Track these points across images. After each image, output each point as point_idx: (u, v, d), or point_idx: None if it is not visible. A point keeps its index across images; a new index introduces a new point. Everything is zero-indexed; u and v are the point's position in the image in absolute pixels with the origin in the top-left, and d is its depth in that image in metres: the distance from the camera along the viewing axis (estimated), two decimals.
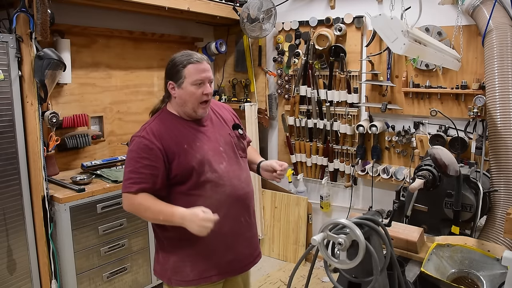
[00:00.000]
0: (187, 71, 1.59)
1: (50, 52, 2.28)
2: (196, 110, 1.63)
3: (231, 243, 1.68)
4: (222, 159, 1.67)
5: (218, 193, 1.62)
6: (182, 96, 1.62)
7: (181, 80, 1.60)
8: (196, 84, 1.59)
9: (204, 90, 1.60)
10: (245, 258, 1.75)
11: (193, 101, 1.61)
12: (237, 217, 1.69)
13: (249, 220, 1.75)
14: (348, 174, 3.40)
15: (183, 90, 1.61)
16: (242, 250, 1.73)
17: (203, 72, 1.60)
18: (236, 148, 1.75)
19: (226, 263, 1.68)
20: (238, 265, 1.73)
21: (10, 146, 2.19)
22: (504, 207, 2.25)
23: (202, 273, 1.65)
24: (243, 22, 3.21)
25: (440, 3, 2.75)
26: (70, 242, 2.35)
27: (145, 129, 1.63)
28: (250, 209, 1.76)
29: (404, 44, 1.58)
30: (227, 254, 1.68)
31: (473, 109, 2.66)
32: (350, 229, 1.21)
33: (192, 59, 1.60)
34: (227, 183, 1.64)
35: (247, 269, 1.80)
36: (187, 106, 1.63)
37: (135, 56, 3.24)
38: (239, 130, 1.81)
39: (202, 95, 1.61)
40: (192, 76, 1.59)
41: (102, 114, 3.06)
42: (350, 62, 3.23)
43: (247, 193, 1.73)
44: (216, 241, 1.64)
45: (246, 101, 3.69)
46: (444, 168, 1.87)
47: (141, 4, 2.67)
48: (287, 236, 3.60)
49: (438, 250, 1.77)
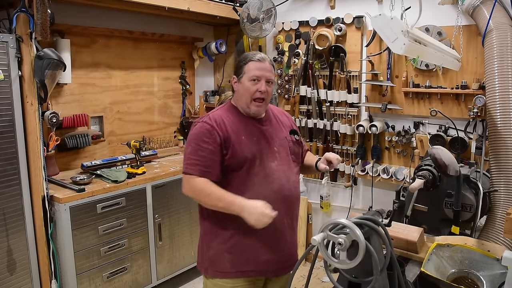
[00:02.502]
0: (247, 67, 1.68)
1: (50, 52, 2.28)
2: (249, 106, 1.68)
3: (271, 242, 1.69)
4: (275, 158, 1.71)
5: (265, 188, 1.65)
6: (240, 90, 1.70)
7: (241, 75, 1.69)
8: (252, 80, 1.66)
9: (259, 87, 1.66)
10: (282, 261, 1.74)
11: (247, 96, 1.67)
12: (280, 217, 1.67)
13: (291, 223, 1.75)
14: (348, 174, 3.40)
15: (241, 84, 1.69)
16: (280, 252, 1.72)
17: (262, 70, 1.67)
18: (290, 151, 1.79)
19: (264, 261, 1.68)
20: (275, 266, 1.72)
21: (10, 146, 2.19)
22: (504, 207, 2.25)
23: (240, 266, 1.67)
24: (243, 22, 3.21)
25: (440, 3, 2.75)
26: (70, 242, 2.35)
27: (208, 115, 1.69)
28: (293, 212, 1.77)
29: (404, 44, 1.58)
30: (266, 252, 1.68)
31: (473, 109, 2.66)
32: (350, 229, 1.21)
33: (254, 58, 1.68)
34: (276, 181, 1.68)
35: (283, 273, 1.78)
36: (242, 101, 1.70)
37: (135, 56, 3.24)
38: (296, 136, 1.85)
39: (256, 92, 1.66)
40: (250, 72, 1.66)
41: (102, 114, 3.06)
42: (350, 62, 3.23)
43: (293, 195, 1.75)
44: (257, 237, 1.65)
45: None
46: (444, 168, 1.86)
47: (141, 4, 2.67)
48: None
49: (438, 250, 1.77)
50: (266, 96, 1.69)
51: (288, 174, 1.73)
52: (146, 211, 2.75)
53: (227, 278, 1.68)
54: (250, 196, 1.59)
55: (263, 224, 1.51)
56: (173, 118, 3.63)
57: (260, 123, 1.74)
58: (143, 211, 2.73)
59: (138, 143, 2.84)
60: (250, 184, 1.64)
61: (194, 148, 1.63)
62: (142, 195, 2.71)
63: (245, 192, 1.62)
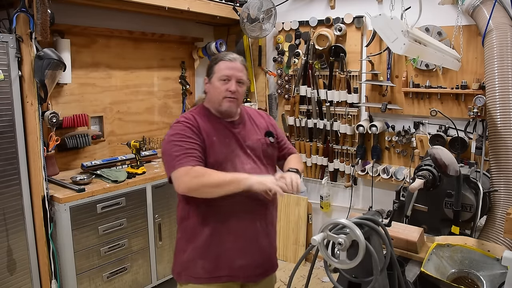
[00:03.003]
0: (217, 67, 1.66)
1: (50, 52, 2.27)
2: (221, 104, 1.66)
3: (244, 247, 1.65)
4: (247, 161, 1.68)
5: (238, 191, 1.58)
6: (210, 91, 1.68)
7: (212, 75, 1.67)
8: (222, 79, 1.64)
9: (229, 87, 1.63)
10: (257, 266, 1.70)
11: (217, 95, 1.65)
12: (253, 221, 1.66)
13: (265, 228, 1.72)
14: (348, 174, 3.40)
15: (211, 85, 1.67)
16: (255, 257, 1.69)
17: (232, 70, 1.65)
18: (264, 154, 1.76)
19: (238, 267, 1.65)
20: (249, 272, 1.68)
21: (10, 146, 2.18)
22: (504, 207, 2.25)
23: (213, 271, 1.64)
24: (243, 22, 3.21)
25: (440, 3, 2.74)
26: (70, 242, 2.35)
27: (183, 116, 1.68)
28: (268, 217, 1.73)
29: (404, 44, 1.58)
30: (239, 257, 1.65)
31: (473, 109, 2.66)
32: (350, 229, 1.21)
33: (225, 58, 1.67)
34: None
35: (258, 279, 1.74)
36: (214, 102, 1.68)
37: (135, 56, 3.24)
38: (271, 138, 1.81)
39: (226, 91, 1.63)
40: (220, 71, 1.64)
41: (102, 114, 3.06)
42: (350, 62, 3.23)
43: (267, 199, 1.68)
44: (229, 243, 1.63)
45: (246, 101, 3.69)
46: (444, 168, 1.86)
47: (141, 4, 2.67)
48: (287, 236, 3.60)
49: (438, 250, 1.77)
50: (237, 96, 1.66)
51: None
52: (146, 211, 2.75)
53: (200, 284, 1.65)
54: (222, 199, 1.54)
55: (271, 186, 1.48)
56: (173, 118, 3.63)
57: (232, 125, 1.71)
58: (143, 211, 2.73)
59: (138, 143, 2.84)
60: None
61: (179, 146, 1.56)
62: (142, 195, 2.71)
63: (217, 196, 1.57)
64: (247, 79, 1.73)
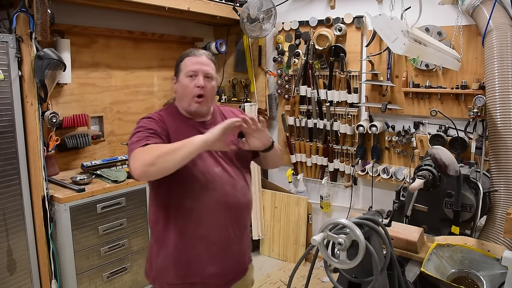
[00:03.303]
0: (183, 64, 1.59)
1: (50, 52, 2.28)
2: (190, 105, 1.58)
3: (215, 254, 1.59)
4: (218, 164, 1.60)
5: (206, 196, 1.54)
6: (179, 90, 1.61)
7: (179, 73, 1.60)
8: (189, 76, 1.56)
9: (197, 83, 1.55)
10: (227, 274, 1.65)
11: (187, 94, 1.57)
12: (225, 226, 1.59)
13: (238, 233, 1.64)
14: (348, 174, 3.40)
15: (179, 83, 1.60)
16: (226, 264, 1.63)
17: (198, 64, 1.57)
18: (237, 156, 1.67)
19: (209, 274, 1.59)
20: (221, 280, 1.63)
21: (10, 146, 2.18)
22: (504, 207, 2.25)
23: (185, 278, 1.59)
24: (243, 22, 3.21)
25: (440, 3, 2.75)
26: (70, 242, 2.35)
27: (149, 114, 1.64)
28: (241, 222, 1.66)
29: (404, 44, 1.58)
30: (211, 265, 1.59)
31: (473, 109, 2.66)
32: (350, 229, 1.21)
33: (191, 53, 1.60)
34: (218, 188, 1.56)
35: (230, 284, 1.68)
36: (183, 101, 1.60)
37: (135, 56, 3.24)
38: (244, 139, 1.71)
39: (194, 88, 1.55)
40: (186, 67, 1.58)
41: (102, 114, 3.06)
42: (350, 62, 3.23)
43: (239, 203, 1.62)
44: (200, 250, 1.58)
45: (246, 101, 3.69)
46: (444, 168, 1.86)
47: (141, 4, 2.67)
48: (287, 236, 3.60)
49: (438, 250, 1.77)
50: (205, 92, 1.57)
51: (233, 181, 1.60)
52: (146, 211, 2.75)
53: None
54: (191, 204, 1.52)
55: (223, 126, 1.39)
56: None
57: (203, 126, 1.61)
58: (143, 211, 2.73)
59: None
60: (191, 190, 1.53)
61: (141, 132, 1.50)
62: (142, 195, 2.71)
63: (185, 199, 1.53)
64: (216, 74, 1.64)
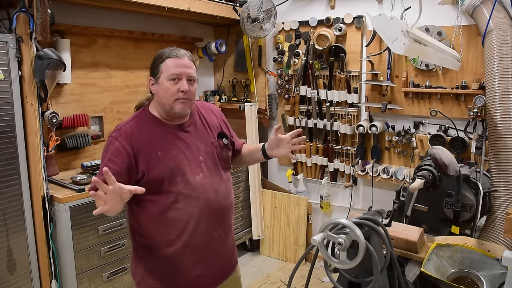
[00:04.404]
0: (164, 66, 1.51)
1: (50, 52, 2.27)
2: (173, 107, 1.52)
3: (200, 258, 1.59)
4: (200, 170, 1.57)
5: (190, 206, 1.53)
6: (159, 92, 1.53)
7: (158, 75, 1.53)
8: (171, 79, 1.50)
9: (181, 87, 1.50)
10: (215, 274, 1.65)
11: (168, 97, 1.51)
12: (209, 231, 1.59)
13: (223, 235, 1.65)
14: (348, 174, 3.40)
15: (159, 85, 1.53)
16: (212, 265, 1.63)
17: (181, 67, 1.51)
18: (218, 158, 1.65)
19: (194, 277, 1.59)
20: (207, 280, 1.63)
21: (10, 146, 2.18)
22: (504, 207, 2.25)
23: (171, 283, 1.59)
24: (243, 22, 3.21)
25: (440, 3, 2.75)
26: (70, 242, 2.35)
27: (120, 129, 1.55)
28: (225, 224, 1.66)
29: (404, 44, 1.58)
30: (196, 268, 1.58)
31: (473, 109, 2.66)
32: (350, 229, 1.21)
33: (172, 54, 1.52)
34: (201, 197, 1.55)
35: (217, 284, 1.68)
36: (164, 104, 1.53)
37: (135, 56, 3.24)
38: (224, 139, 1.69)
39: (177, 92, 1.50)
40: (168, 70, 1.50)
41: (102, 114, 3.06)
42: (350, 62, 3.23)
43: (223, 207, 1.63)
44: (185, 254, 1.56)
45: (246, 101, 3.69)
46: (444, 168, 1.86)
47: (141, 4, 2.67)
48: (287, 236, 3.60)
49: (438, 250, 1.77)
50: (189, 96, 1.52)
51: (216, 186, 1.60)
52: None
53: None
54: (175, 215, 1.51)
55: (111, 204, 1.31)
56: None
57: (182, 129, 1.58)
58: None
59: None
60: (174, 202, 1.51)
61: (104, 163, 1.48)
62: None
63: (169, 211, 1.51)
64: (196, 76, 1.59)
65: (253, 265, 3.55)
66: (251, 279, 3.28)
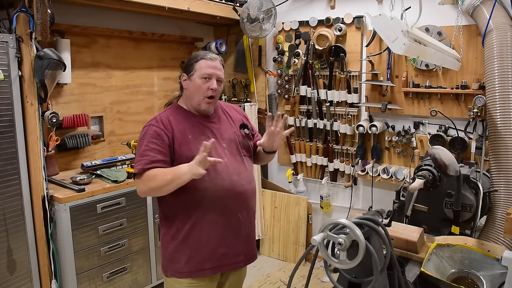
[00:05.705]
0: (198, 65, 1.70)
1: (50, 52, 2.27)
2: (200, 104, 1.72)
3: (225, 237, 1.71)
4: (224, 155, 1.72)
5: (216, 185, 1.67)
6: (190, 88, 1.72)
7: (192, 72, 1.71)
8: (203, 77, 1.69)
9: (210, 85, 1.69)
10: (239, 254, 1.77)
11: (199, 94, 1.70)
12: (234, 212, 1.72)
13: (247, 217, 1.78)
14: (348, 174, 3.40)
15: (192, 82, 1.71)
16: (236, 245, 1.75)
17: (213, 68, 1.70)
18: (240, 146, 1.81)
19: (219, 255, 1.71)
20: (231, 260, 1.74)
21: (10, 146, 2.18)
22: (504, 207, 2.25)
23: (196, 265, 1.69)
24: (243, 22, 3.21)
25: (440, 3, 2.75)
26: (70, 242, 2.35)
27: (155, 117, 1.73)
28: (248, 207, 1.79)
29: (404, 44, 1.58)
30: (221, 246, 1.71)
31: (473, 109, 2.66)
32: (350, 229, 1.21)
33: (206, 56, 1.72)
34: (226, 178, 1.69)
35: (240, 266, 1.80)
36: (193, 99, 1.72)
37: (135, 56, 3.24)
38: (246, 129, 1.87)
39: (207, 90, 1.69)
40: (201, 70, 1.69)
41: (102, 114, 3.06)
42: (350, 62, 3.23)
43: (246, 191, 1.76)
44: (211, 233, 1.69)
45: (246, 101, 3.69)
46: (444, 168, 1.86)
47: (141, 4, 2.67)
48: (287, 236, 3.60)
49: (438, 250, 1.77)
50: (216, 94, 1.73)
51: (239, 170, 1.75)
52: (146, 211, 2.75)
53: (182, 278, 1.70)
54: (202, 194, 1.65)
55: (204, 166, 1.52)
56: None
57: (208, 120, 1.77)
58: (143, 211, 2.73)
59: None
60: (201, 182, 1.63)
61: (143, 150, 1.65)
62: None
63: (196, 191, 1.65)
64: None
65: (253, 265, 3.54)
66: (251, 279, 3.28)
